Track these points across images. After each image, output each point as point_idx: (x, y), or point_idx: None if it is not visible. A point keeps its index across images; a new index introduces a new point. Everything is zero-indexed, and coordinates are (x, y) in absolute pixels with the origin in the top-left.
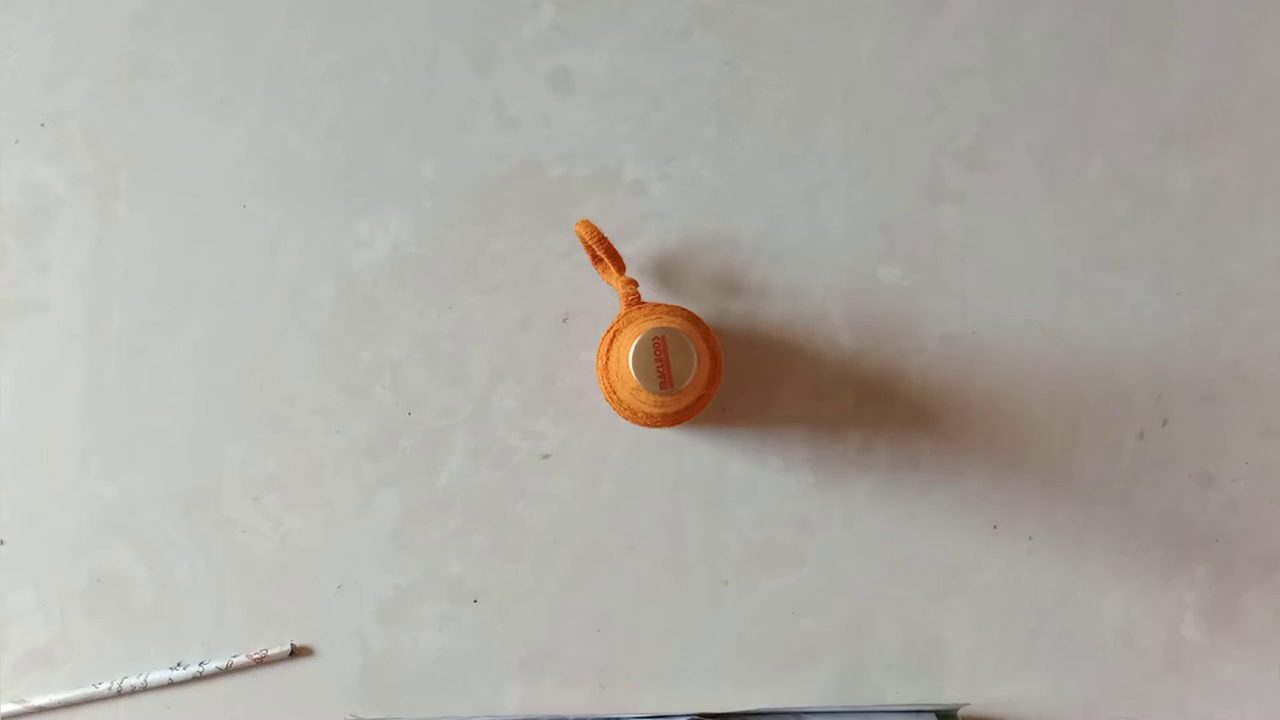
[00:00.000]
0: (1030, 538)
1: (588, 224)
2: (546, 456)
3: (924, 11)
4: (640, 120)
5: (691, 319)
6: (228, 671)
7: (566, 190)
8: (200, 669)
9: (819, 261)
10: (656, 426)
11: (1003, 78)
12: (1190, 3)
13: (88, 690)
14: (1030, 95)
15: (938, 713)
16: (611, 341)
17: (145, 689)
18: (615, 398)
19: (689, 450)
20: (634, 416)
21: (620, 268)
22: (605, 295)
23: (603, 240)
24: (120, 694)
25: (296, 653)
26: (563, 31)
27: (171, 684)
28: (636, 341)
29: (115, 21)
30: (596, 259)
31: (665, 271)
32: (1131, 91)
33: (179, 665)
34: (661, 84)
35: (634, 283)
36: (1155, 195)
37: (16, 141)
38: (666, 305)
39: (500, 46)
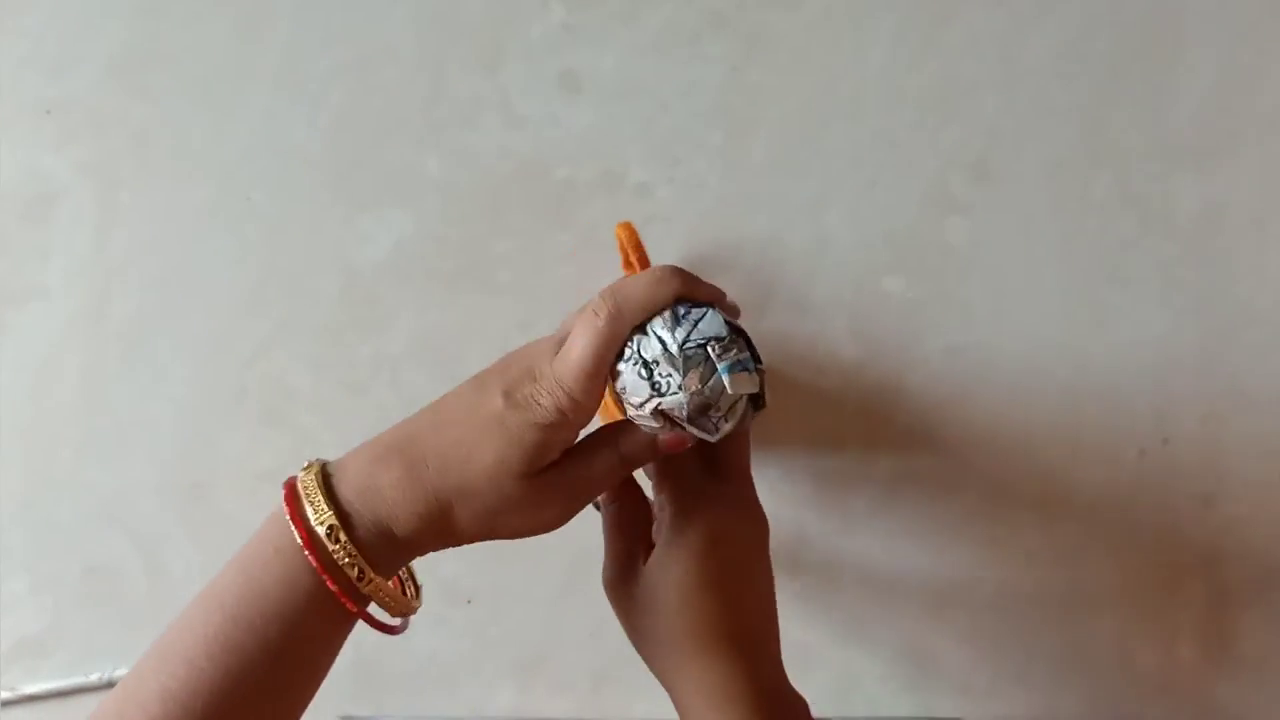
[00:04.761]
0: (1028, 553)
1: (629, 228)
2: None
3: (934, 22)
4: (647, 123)
5: None
6: None
7: (571, 191)
8: None
9: (823, 270)
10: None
11: (1012, 91)
12: (1200, 22)
13: (79, 680)
14: (1039, 109)
15: None
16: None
17: None
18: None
19: None
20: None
21: None
22: None
23: (640, 247)
24: (112, 685)
25: None
26: (572, 32)
27: None
28: None
29: (122, 11)
30: (628, 263)
31: None
32: (1140, 109)
33: None
34: (669, 87)
35: None
36: (1162, 213)
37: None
38: None
39: (508, 45)
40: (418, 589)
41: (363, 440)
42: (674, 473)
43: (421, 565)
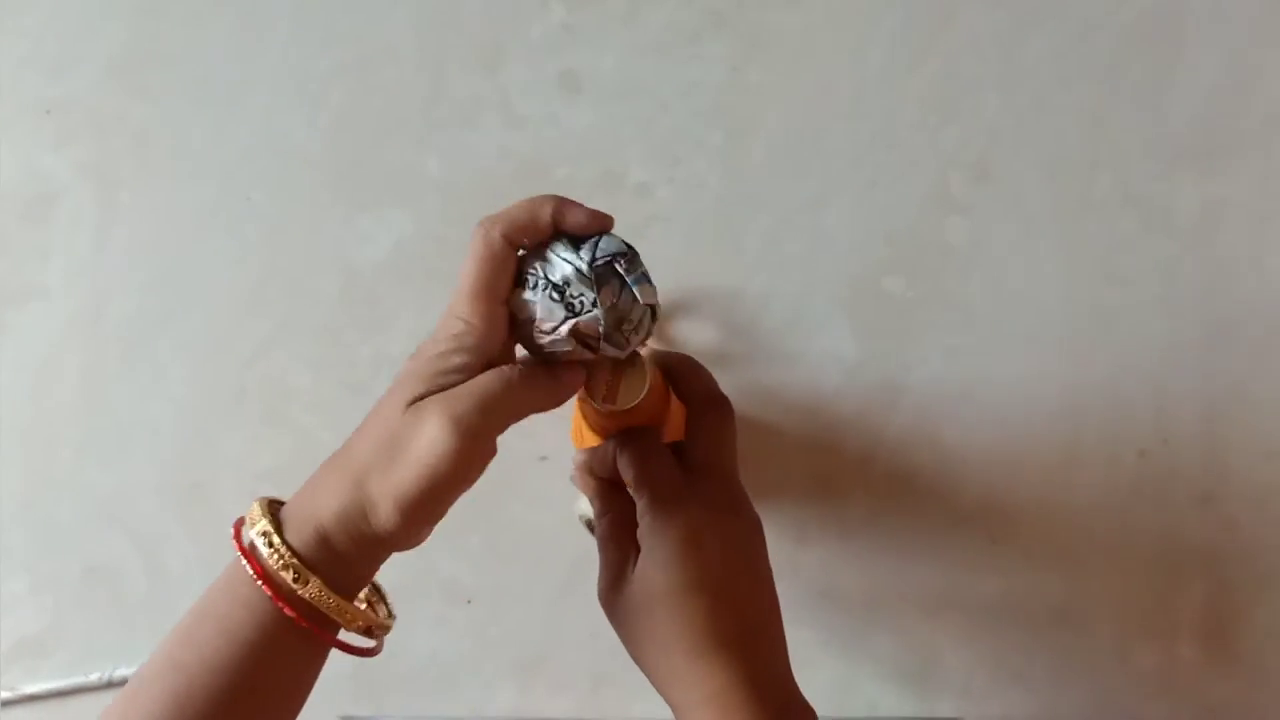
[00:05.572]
0: (1028, 553)
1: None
2: (544, 459)
3: (935, 22)
4: (647, 123)
5: (663, 359)
6: None
7: (571, 191)
8: None
9: (823, 270)
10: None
11: (1012, 91)
12: (1200, 23)
13: (79, 680)
14: (1040, 110)
15: None
16: None
17: None
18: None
19: None
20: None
21: None
22: None
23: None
24: (111, 684)
25: None
26: (572, 32)
27: None
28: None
29: (122, 11)
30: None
31: (667, 276)
32: (1141, 109)
33: None
34: (669, 87)
35: None
36: (1162, 213)
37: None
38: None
39: (509, 45)
40: (389, 610)
41: None
42: (652, 475)
43: (422, 565)
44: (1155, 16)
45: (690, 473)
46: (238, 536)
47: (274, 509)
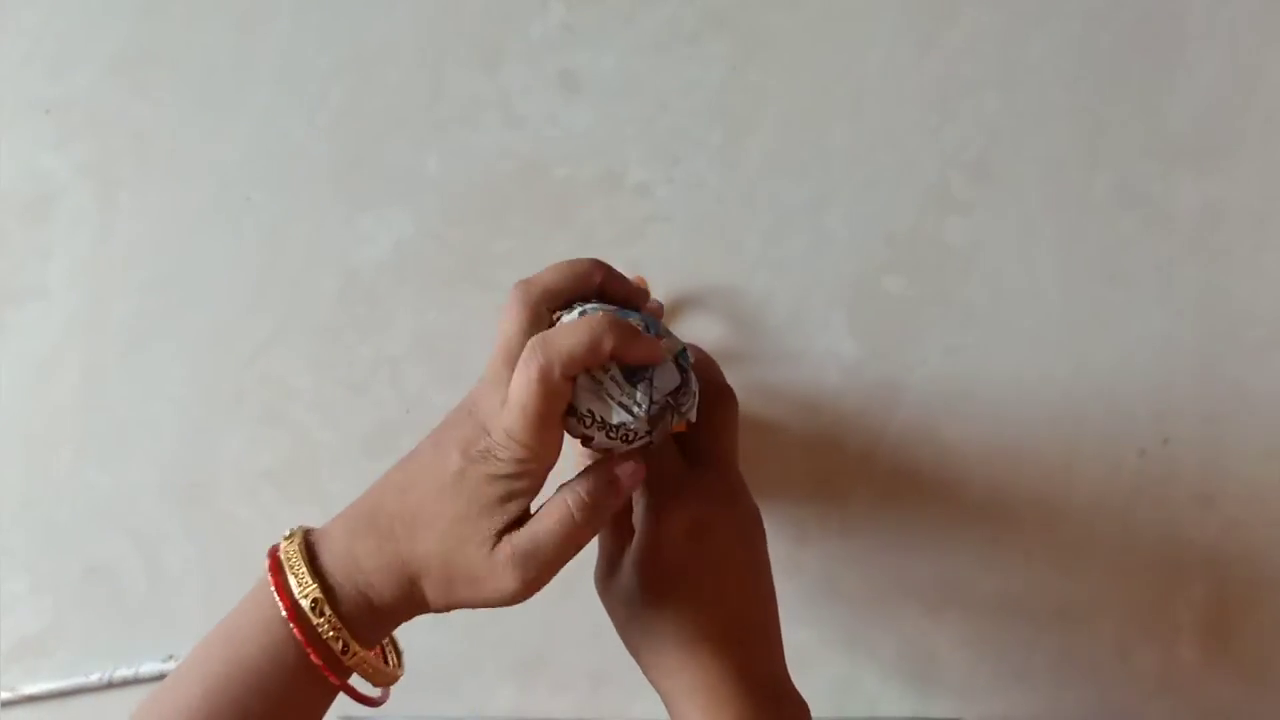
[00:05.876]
0: (1028, 553)
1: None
2: None
3: (935, 22)
4: (647, 123)
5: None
6: None
7: (571, 191)
8: None
9: (823, 269)
10: None
11: (1012, 91)
12: (1201, 22)
13: (79, 680)
14: (1039, 109)
15: None
16: None
17: (137, 680)
18: None
19: None
20: None
21: None
22: None
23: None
24: (111, 685)
25: None
26: (571, 31)
27: (163, 676)
28: None
29: (122, 11)
30: None
31: (667, 275)
32: (1140, 109)
33: (170, 658)
34: (669, 87)
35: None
36: (1162, 213)
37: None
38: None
39: (508, 45)
40: (399, 656)
41: (361, 442)
42: (650, 462)
43: None
44: (1155, 16)
45: (691, 462)
46: (280, 588)
47: (314, 561)
